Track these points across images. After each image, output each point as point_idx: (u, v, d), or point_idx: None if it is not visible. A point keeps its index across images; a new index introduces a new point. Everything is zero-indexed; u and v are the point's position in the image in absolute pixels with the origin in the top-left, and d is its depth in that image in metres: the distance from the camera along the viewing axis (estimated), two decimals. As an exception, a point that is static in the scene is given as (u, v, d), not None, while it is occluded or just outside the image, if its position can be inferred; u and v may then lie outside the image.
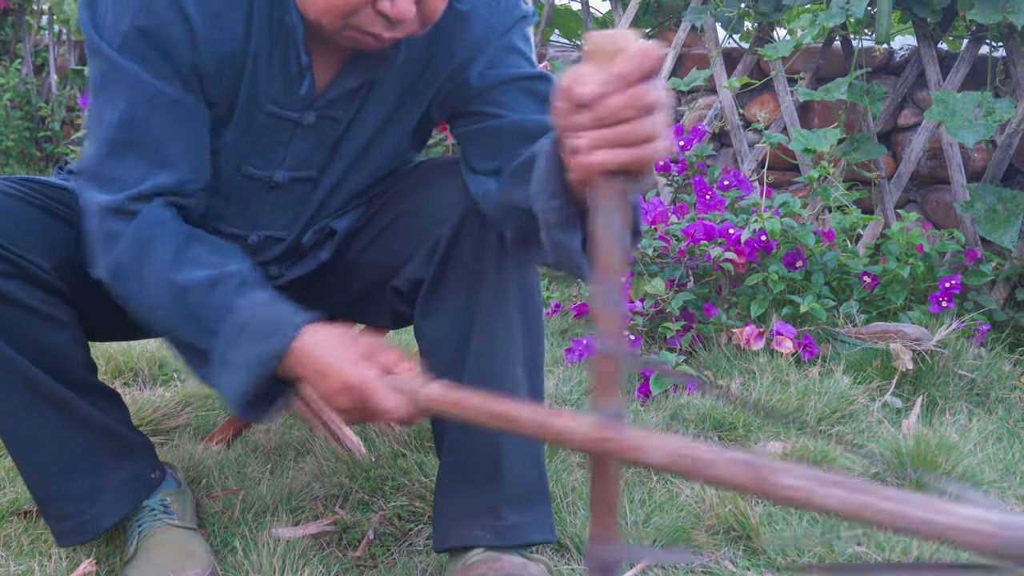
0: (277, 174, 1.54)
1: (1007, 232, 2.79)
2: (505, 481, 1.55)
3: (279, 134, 1.50)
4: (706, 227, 2.71)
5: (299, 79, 1.44)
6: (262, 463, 2.04)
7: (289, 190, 1.57)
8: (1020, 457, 2.15)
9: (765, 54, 3.22)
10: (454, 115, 1.56)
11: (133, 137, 1.38)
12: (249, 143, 1.49)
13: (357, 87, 1.49)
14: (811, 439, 2.08)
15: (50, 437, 1.55)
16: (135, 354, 2.63)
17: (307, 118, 1.48)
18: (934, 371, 2.47)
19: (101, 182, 1.39)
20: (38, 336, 1.49)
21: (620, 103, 0.94)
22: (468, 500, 1.56)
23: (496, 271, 1.51)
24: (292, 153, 1.52)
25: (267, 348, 1.32)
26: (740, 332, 2.58)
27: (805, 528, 1.77)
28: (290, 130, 1.50)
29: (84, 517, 1.60)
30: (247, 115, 1.46)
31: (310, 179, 1.57)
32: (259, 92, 1.45)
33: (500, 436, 1.54)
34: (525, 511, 1.56)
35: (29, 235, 1.47)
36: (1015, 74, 2.98)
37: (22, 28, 6.43)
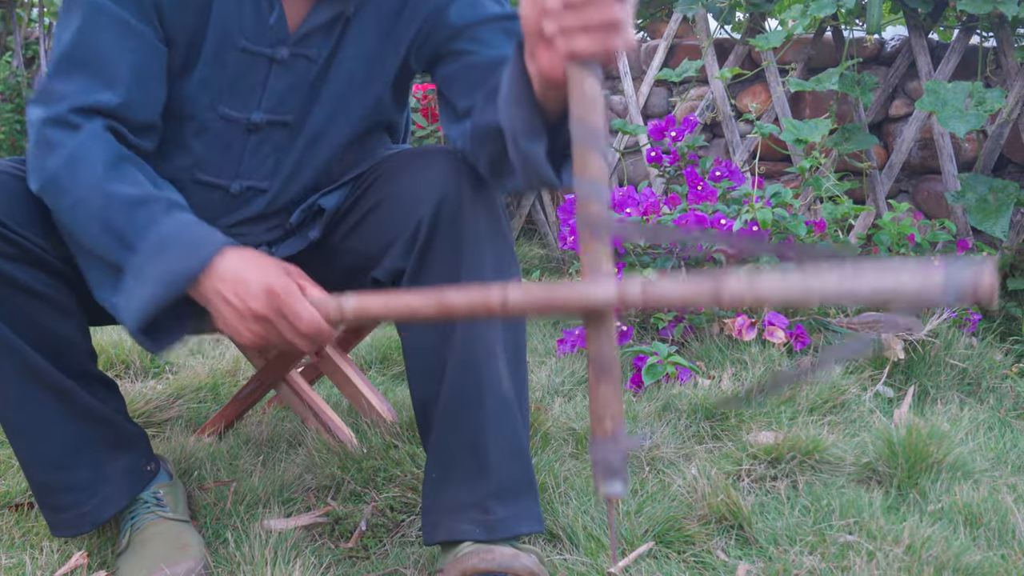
0: (254, 115, 1.54)
1: (998, 222, 2.80)
2: (491, 474, 1.54)
3: (254, 72, 1.50)
4: (698, 218, 2.71)
5: (268, 9, 1.46)
6: (254, 455, 2.04)
7: (268, 136, 1.56)
8: (1011, 446, 2.16)
9: (756, 45, 3.22)
10: (433, 59, 1.57)
11: (82, 56, 1.41)
12: (223, 81, 1.50)
13: (330, 21, 1.49)
14: (802, 428, 2.08)
15: (52, 427, 1.54)
16: (127, 346, 2.63)
17: (280, 53, 1.49)
18: (926, 361, 2.47)
19: (46, 98, 1.41)
20: (42, 322, 1.49)
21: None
22: (455, 495, 1.55)
23: (476, 263, 1.50)
24: (268, 93, 1.52)
25: (186, 264, 1.34)
26: (732, 322, 2.58)
27: (797, 518, 1.77)
28: (265, 67, 1.50)
29: (84, 508, 1.59)
30: (219, 51, 1.47)
31: (288, 124, 1.57)
32: (230, 27, 1.46)
33: (485, 429, 1.53)
34: (512, 504, 1.55)
35: (34, 216, 1.46)
36: (1006, 64, 2.98)
37: (12, 21, 6.41)
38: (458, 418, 1.53)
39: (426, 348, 1.55)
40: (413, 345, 1.57)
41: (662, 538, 1.70)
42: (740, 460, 1.97)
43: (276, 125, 1.56)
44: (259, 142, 1.57)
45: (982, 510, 1.79)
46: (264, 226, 1.66)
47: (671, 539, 1.70)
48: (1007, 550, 1.69)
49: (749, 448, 2.00)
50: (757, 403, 1.99)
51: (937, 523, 1.75)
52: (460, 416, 1.53)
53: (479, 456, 1.54)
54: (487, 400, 1.53)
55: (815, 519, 1.76)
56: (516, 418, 1.56)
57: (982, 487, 1.89)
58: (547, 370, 2.58)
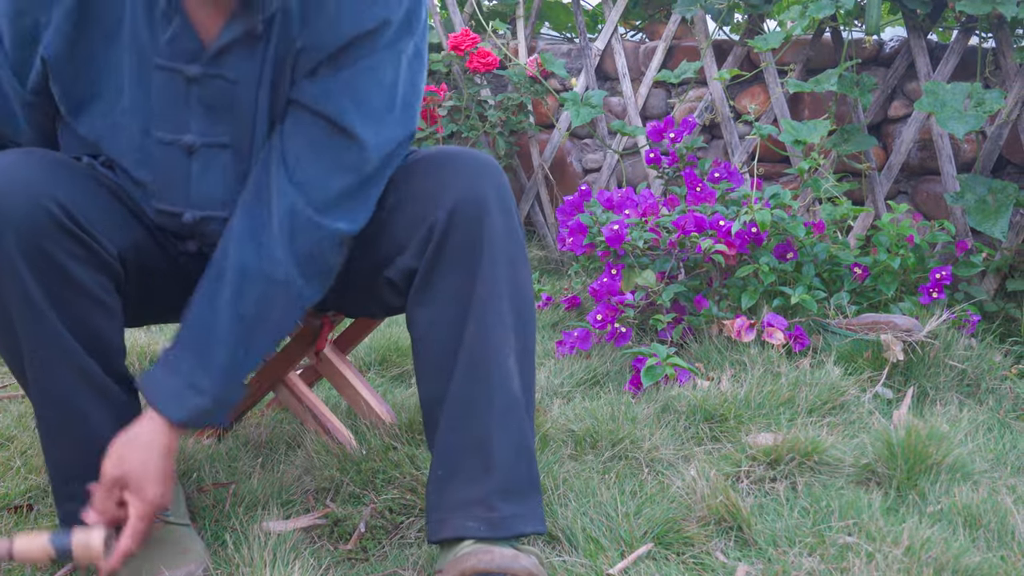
0: (186, 136, 1.53)
1: (997, 223, 2.80)
2: (497, 473, 1.54)
3: (174, 91, 1.50)
4: (697, 219, 2.71)
5: (167, 25, 1.46)
6: (253, 457, 2.04)
7: (210, 160, 1.55)
8: (1011, 447, 2.15)
9: (755, 46, 3.22)
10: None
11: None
12: (150, 103, 1.50)
13: (241, 39, 1.48)
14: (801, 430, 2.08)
15: (99, 430, 1.53)
16: (127, 349, 2.62)
17: (191, 70, 1.48)
18: (925, 362, 2.47)
19: None
20: (96, 324, 1.49)
21: None
22: (460, 492, 1.55)
23: (490, 263, 1.51)
24: (194, 114, 1.52)
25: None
26: (731, 324, 2.58)
27: (796, 519, 1.77)
28: (183, 87, 1.49)
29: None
30: (140, 72, 1.47)
31: (226, 145, 1.55)
32: (145, 45, 1.45)
33: (492, 427, 1.54)
34: (517, 503, 1.56)
35: (99, 210, 1.47)
36: (1005, 65, 2.98)
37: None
38: (466, 415, 1.54)
39: (435, 344, 1.55)
40: (424, 342, 1.57)
41: (661, 540, 1.69)
42: (739, 461, 1.97)
43: (214, 147, 1.54)
44: (203, 167, 1.55)
45: (981, 511, 1.79)
46: None
47: (670, 541, 1.70)
48: (1007, 551, 1.69)
49: (748, 449, 2.00)
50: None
51: (936, 524, 1.75)
52: (468, 413, 1.54)
53: (486, 454, 1.54)
54: (496, 398, 1.53)
55: (814, 520, 1.76)
56: (524, 418, 1.57)
57: (981, 488, 1.89)
58: (546, 371, 2.58)
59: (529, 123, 3.99)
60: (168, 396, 1.48)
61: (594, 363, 2.60)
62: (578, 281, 3.35)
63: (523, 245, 1.58)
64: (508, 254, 1.53)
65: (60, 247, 1.42)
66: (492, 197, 1.52)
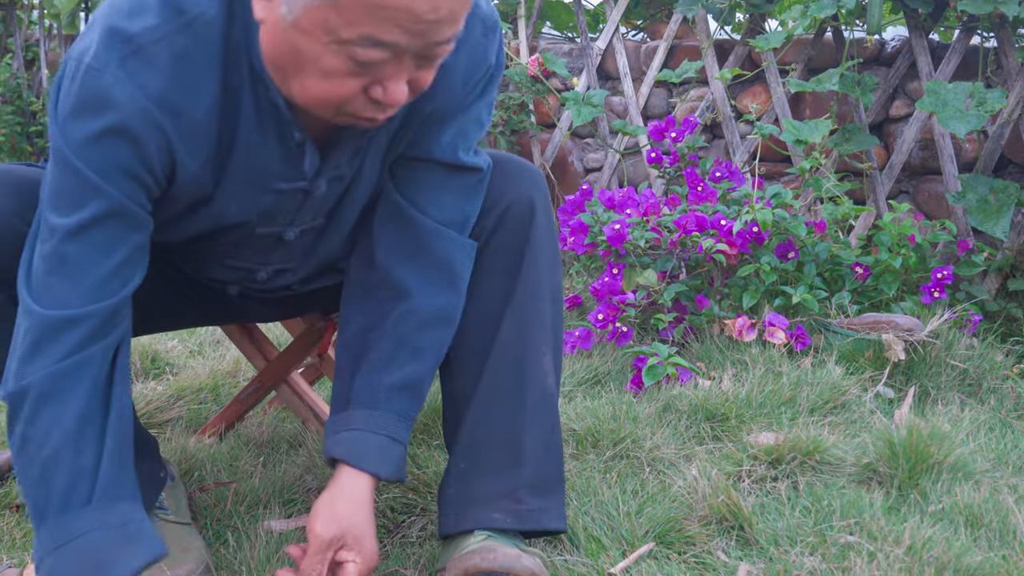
0: (288, 232, 1.52)
1: (999, 222, 2.80)
2: (527, 466, 1.56)
3: (290, 201, 1.48)
4: (698, 218, 2.71)
5: (299, 156, 1.41)
6: (254, 456, 2.04)
7: (299, 240, 1.56)
8: (1012, 446, 2.15)
9: (756, 45, 3.22)
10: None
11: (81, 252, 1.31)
12: (259, 213, 1.47)
13: (358, 147, 1.46)
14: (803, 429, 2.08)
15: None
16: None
17: (318, 188, 1.46)
18: (926, 361, 2.47)
19: (39, 293, 1.33)
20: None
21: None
22: (487, 485, 1.56)
23: (533, 265, 1.57)
24: (303, 214, 1.51)
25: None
26: (732, 323, 2.58)
27: (798, 518, 1.77)
28: (300, 198, 1.47)
29: None
30: (252, 194, 1.43)
31: (317, 228, 1.56)
32: (260, 172, 1.41)
33: (524, 422, 1.56)
34: (545, 497, 1.57)
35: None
36: (1006, 64, 2.98)
37: (12, 23, 6.41)
38: (496, 410, 1.56)
39: (468, 341, 1.58)
40: (455, 338, 1.59)
41: (663, 539, 1.70)
42: (741, 461, 1.97)
43: (308, 232, 1.55)
44: (290, 244, 1.56)
45: (983, 511, 1.79)
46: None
47: (672, 540, 1.70)
48: (1008, 551, 1.69)
49: (750, 449, 2.00)
50: None
51: (938, 524, 1.75)
52: (499, 408, 1.56)
53: (516, 448, 1.56)
54: (530, 394, 1.57)
55: (816, 520, 1.76)
56: (556, 414, 1.60)
57: (983, 488, 1.89)
58: (548, 371, 2.58)
59: (530, 122, 3.99)
60: (374, 455, 1.50)
61: (595, 362, 2.60)
62: (579, 280, 3.35)
63: (559, 250, 1.64)
64: (550, 257, 1.61)
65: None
66: (540, 201, 1.58)
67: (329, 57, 1.19)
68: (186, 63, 1.27)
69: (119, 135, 1.26)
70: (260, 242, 1.53)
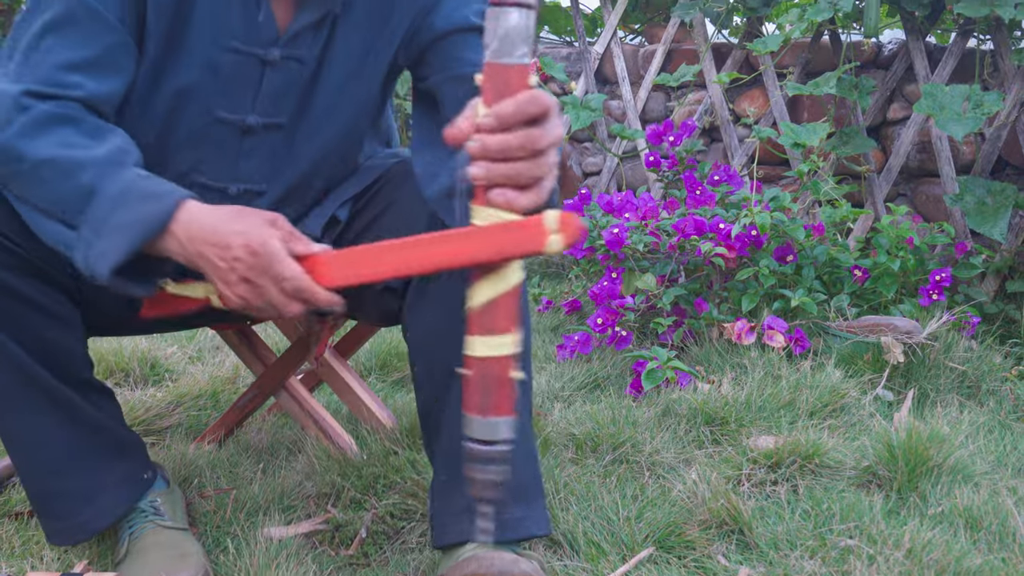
0: (249, 118, 1.54)
1: (996, 224, 2.80)
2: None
3: (247, 74, 1.50)
4: (696, 222, 2.71)
5: (255, 9, 1.45)
6: (254, 462, 2.04)
7: (263, 138, 1.56)
8: (1011, 448, 2.16)
9: (754, 49, 3.22)
10: (418, 60, 1.57)
11: (56, 43, 1.39)
12: (216, 85, 1.49)
13: (318, 21, 1.49)
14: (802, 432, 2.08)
15: (50, 435, 1.54)
16: (126, 354, 2.63)
17: (271, 54, 1.49)
18: (925, 364, 2.47)
19: (15, 78, 1.39)
20: (44, 333, 1.49)
21: (513, 142, 1.10)
22: (466, 496, 1.56)
23: None
24: (262, 96, 1.52)
25: (149, 210, 1.31)
26: (731, 327, 2.58)
27: (797, 522, 1.77)
28: (257, 69, 1.50)
29: (80, 517, 1.59)
30: (210, 55, 1.47)
31: (282, 126, 1.57)
32: (219, 29, 1.45)
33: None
34: (524, 505, 1.57)
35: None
36: (1003, 67, 2.99)
37: (11, 27, 6.42)
38: None
39: (436, 352, 1.55)
40: (421, 349, 1.57)
41: (662, 543, 1.70)
42: (740, 465, 1.97)
43: (271, 128, 1.56)
44: (254, 144, 1.57)
45: (982, 513, 1.79)
46: None
47: (671, 544, 1.70)
48: (1008, 553, 1.69)
49: (749, 453, 2.00)
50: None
51: (937, 527, 1.75)
52: None
53: None
54: None
55: (815, 523, 1.76)
56: (527, 421, 1.58)
57: (982, 490, 1.89)
58: (547, 375, 2.58)
59: (528, 127, 3.98)
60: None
61: (595, 367, 2.60)
62: (578, 285, 3.35)
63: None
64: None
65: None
66: None
67: None
68: None
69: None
70: (223, 133, 1.54)
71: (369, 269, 1.24)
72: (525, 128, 1.11)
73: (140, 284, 1.37)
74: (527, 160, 1.12)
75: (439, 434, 1.58)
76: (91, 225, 1.34)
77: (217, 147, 1.56)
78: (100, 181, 1.34)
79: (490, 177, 1.12)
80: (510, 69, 1.10)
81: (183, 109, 1.51)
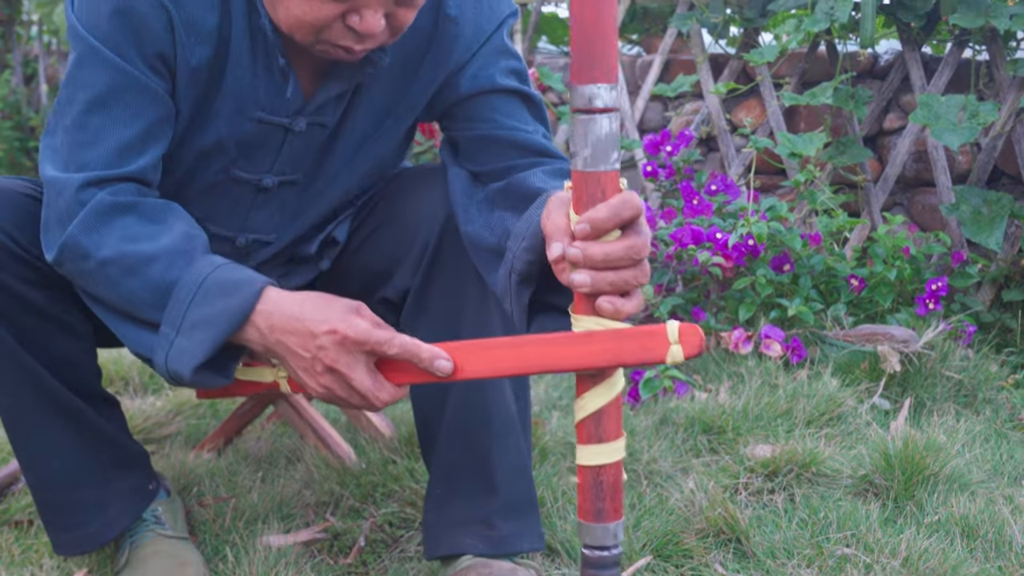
0: (266, 178, 1.54)
1: (992, 234, 2.81)
2: (497, 492, 1.56)
3: (269, 140, 1.50)
4: (694, 232, 2.72)
5: (283, 83, 1.45)
6: (253, 471, 2.04)
7: (276, 194, 1.57)
8: (1008, 457, 2.16)
9: (751, 59, 3.23)
10: (445, 116, 1.58)
11: (104, 123, 1.38)
12: (240, 149, 1.50)
13: (343, 91, 1.50)
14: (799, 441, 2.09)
15: (62, 446, 1.55)
16: (126, 363, 2.63)
17: (298, 125, 1.49)
18: (922, 373, 2.48)
19: (67, 164, 1.39)
20: (56, 344, 1.50)
21: (616, 252, 1.10)
22: (460, 510, 1.57)
23: (479, 280, 1.52)
24: (281, 158, 1.53)
25: (231, 304, 1.30)
26: (729, 336, 2.59)
27: (794, 531, 1.78)
28: (280, 136, 1.50)
29: (90, 528, 1.60)
30: (234, 121, 1.47)
31: (296, 183, 1.58)
32: (245, 98, 1.45)
33: (491, 447, 1.56)
34: (516, 520, 1.57)
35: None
36: (998, 77, 3.00)
37: (12, 39, 6.42)
38: (464, 436, 1.55)
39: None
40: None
41: (660, 552, 1.70)
42: (737, 473, 1.98)
43: (285, 184, 1.57)
44: (267, 200, 1.58)
45: (979, 522, 1.80)
46: (268, 266, 1.68)
47: (669, 553, 1.70)
48: (1004, 562, 1.70)
49: (746, 461, 2.01)
50: None
51: (934, 535, 1.76)
52: (466, 434, 1.55)
53: (485, 473, 1.56)
54: (494, 419, 1.55)
55: (812, 532, 1.77)
56: (520, 437, 1.59)
57: (979, 499, 1.90)
58: (544, 384, 2.58)
59: (526, 137, 3.99)
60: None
61: (592, 376, 2.60)
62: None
63: None
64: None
65: (10, 273, 1.43)
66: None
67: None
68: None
69: (128, 13, 1.35)
70: (239, 190, 1.55)
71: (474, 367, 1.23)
72: (625, 241, 1.10)
73: (219, 375, 1.35)
74: (631, 268, 1.11)
75: (436, 445, 1.59)
76: (170, 322, 1.32)
77: (231, 201, 1.57)
78: (173, 274, 1.33)
79: (596, 286, 1.11)
80: (603, 176, 1.09)
81: (203, 167, 1.51)
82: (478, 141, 1.53)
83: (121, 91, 1.37)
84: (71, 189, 1.36)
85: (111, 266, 1.34)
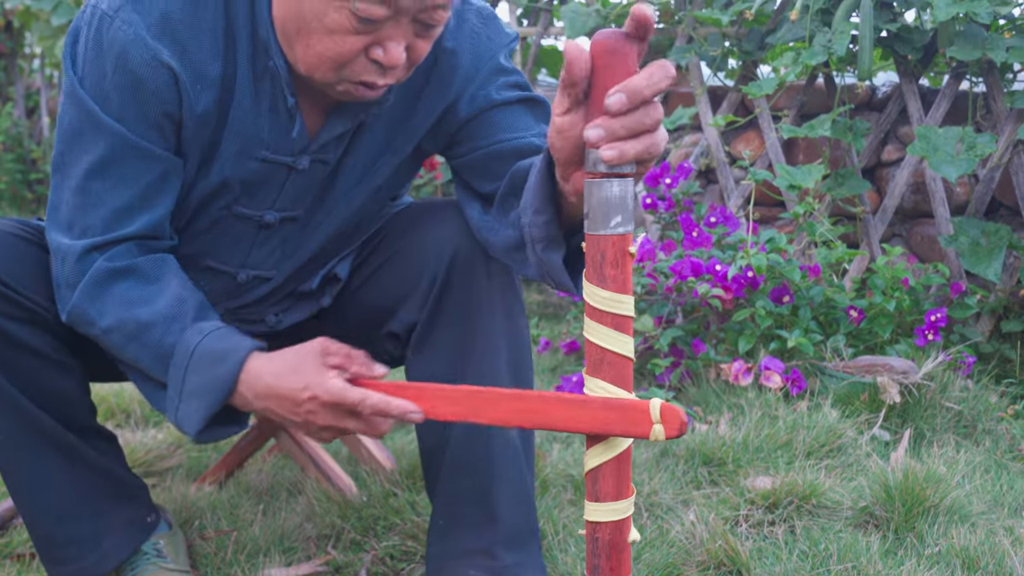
0: (268, 215, 1.56)
1: (991, 265, 2.82)
2: (499, 523, 1.57)
3: (273, 178, 1.52)
4: (693, 264, 2.73)
5: (289, 123, 1.46)
6: (254, 504, 2.05)
7: (278, 230, 1.59)
8: (1007, 488, 2.16)
9: (749, 92, 3.26)
10: (448, 145, 1.59)
11: (104, 187, 1.42)
12: (243, 186, 1.51)
13: (347, 130, 1.51)
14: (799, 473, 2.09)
15: (55, 481, 1.56)
16: (127, 396, 2.64)
17: (301, 163, 1.51)
18: (921, 404, 2.49)
19: (71, 228, 1.43)
20: (46, 381, 1.51)
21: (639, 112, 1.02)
22: (463, 541, 1.57)
23: (489, 316, 1.54)
24: (284, 195, 1.54)
25: (217, 375, 1.37)
26: (728, 367, 2.59)
27: (795, 563, 1.78)
28: (283, 174, 1.52)
29: (85, 562, 1.60)
30: (238, 161, 1.48)
31: (297, 218, 1.59)
32: (249, 138, 1.47)
33: (493, 477, 1.56)
34: (519, 551, 1.58)
35: (37, 277, 1.49)
36: (995, 109, 3.02)
37: (14, 71, 6.47)
38: (467, 466, 1.56)
39: None
40: None
41: None
42: (738, 505, 1.98)
43: (287, 221, 1.59)
44: (268, 236, 1.60)
45: (979, 553, 1.80)
46: (269, 302, 1.69)
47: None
48: (1004, 593, 1.70)
49: (747, 493, 2.01)
50: None
51: (935, 567, 1.76)
52: (469, 464, 1.56)
53: (488, 504, 1.56)
54: (496, 449, 1.56)
55: (813, 564, 1.77)
56: (523, 467, 1.59)
57: (979, 530, 1.90)
58: (545, 416, 2.58)
59: (527, 168, 4.01)
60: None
61: (593, 407, 2.60)
62: (577, 326, 3.36)
63: (519, 293, 1.60)
64: (505, 305, 1.57)
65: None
66: (482, 246, 1.55)
67: (333, 13, 1.28)
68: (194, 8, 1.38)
69: (131, 80, 1.37)
70: (241, 227, 1.56)
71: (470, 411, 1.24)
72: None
73: (231, 426, 1.45)
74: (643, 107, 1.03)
75: (439, 476, 1.59)
76: (173, 387, 1.41)
77: (233, 238, 1.59)
78: (170, 339, 1.40)
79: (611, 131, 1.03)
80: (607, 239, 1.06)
81: (208, 205, 1.54)
82: (483, 160, 1.54)
83: (120, 156, 1.41)
84: (73, 256, 1.42)
85: (114, 333, 1.42)
